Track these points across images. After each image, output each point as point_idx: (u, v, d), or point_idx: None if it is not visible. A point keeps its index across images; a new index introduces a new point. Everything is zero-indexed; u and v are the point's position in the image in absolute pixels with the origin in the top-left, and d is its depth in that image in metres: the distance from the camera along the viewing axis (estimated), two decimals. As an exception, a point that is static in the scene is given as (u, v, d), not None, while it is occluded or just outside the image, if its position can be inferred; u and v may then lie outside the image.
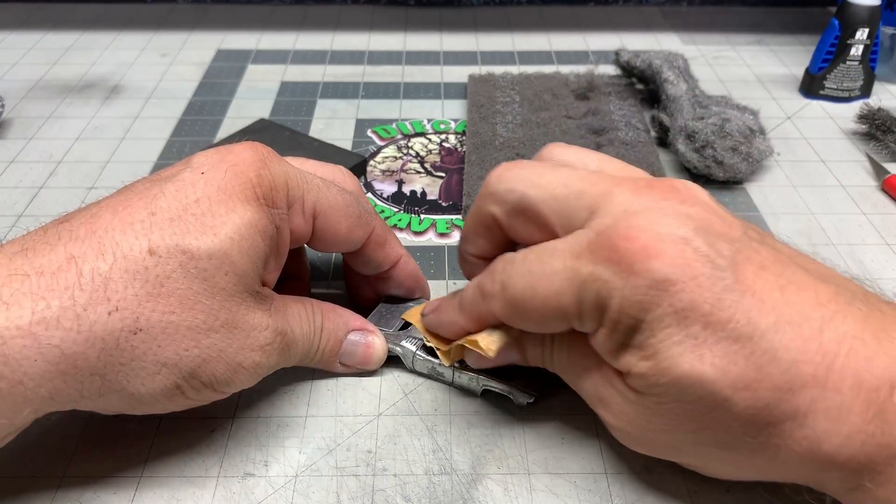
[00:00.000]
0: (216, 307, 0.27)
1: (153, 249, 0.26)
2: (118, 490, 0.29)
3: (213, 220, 0.27)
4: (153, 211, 0.27)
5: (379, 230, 0.34)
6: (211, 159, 0.29)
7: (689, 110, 0.50)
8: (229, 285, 0.27)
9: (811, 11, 0.76)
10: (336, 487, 0.29)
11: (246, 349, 0.28)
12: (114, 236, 0.26)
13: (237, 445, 0.31)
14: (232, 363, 0.28)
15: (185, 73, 0.63)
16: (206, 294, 0.27)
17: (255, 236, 0.28)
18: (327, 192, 0.32)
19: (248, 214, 0.28)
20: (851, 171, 0.51)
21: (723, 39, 0.70)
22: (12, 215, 0.45)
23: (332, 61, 0.65)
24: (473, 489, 0.29)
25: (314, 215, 0.31)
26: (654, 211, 0.25)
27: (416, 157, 0.52)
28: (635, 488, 0.29)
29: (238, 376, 0.28)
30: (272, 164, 0.30)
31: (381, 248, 0.34)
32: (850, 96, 0.59)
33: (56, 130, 0.54)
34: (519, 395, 0.32)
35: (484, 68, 0.64)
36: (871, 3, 0.55)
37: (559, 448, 0.31)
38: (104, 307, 0.25)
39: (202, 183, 0.28)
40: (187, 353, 0.26)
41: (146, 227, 0.26)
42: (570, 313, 0.26)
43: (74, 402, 0.26)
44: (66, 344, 0.24)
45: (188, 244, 0.26)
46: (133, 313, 0.25)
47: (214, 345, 0.27)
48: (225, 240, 0.27)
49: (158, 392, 0.27)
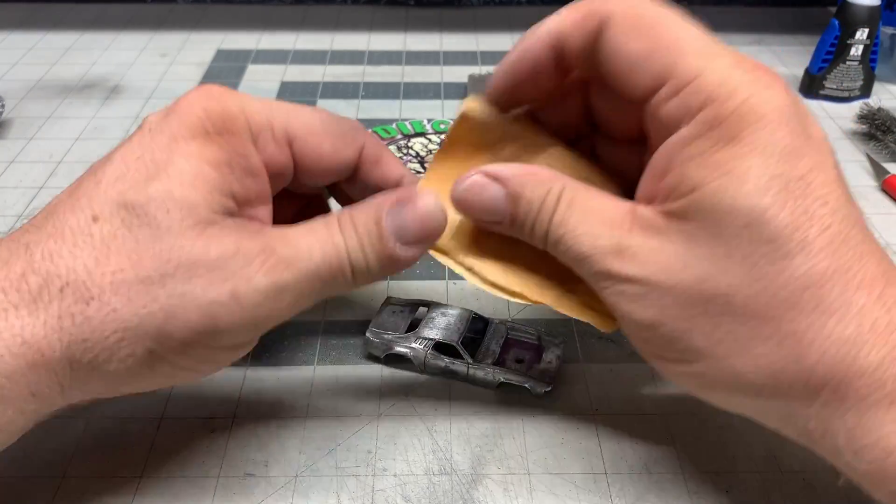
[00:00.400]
0: (165, 250, 0.24)
1: (96, 215, 0.25)
2: (118, 490, 0.29)
3: (156, 168, 0.25)
4: (99, 180, 0.26)
5: (371, 146, 0.31)
6: (157, 116, 0.27)
7: (689, 110, 0.50)
8: (175, 222, 0.25)
9: (811, 11, 0.76)
10: (336, 488, 0.29)
11: (216, 283, 0.25)
12: (64, 215, 0.25)
13: (237, 445, 0.31)
14: (203, 303, 0.24)
15: (185, 73, 0.63)
16: (151, 240, 0.24)
17: (204, 167, 0.25)
18: (299, 113, 0.29)
19: (190, 149, 0.26)
20: (851, 171, 0.51)
21: (723, 39, 0.69)
22: (12, 215, 0.45)
23: (331, 61, 0.65)
24: (473, 489, 0.29)
25: (289, 140, 0.28)
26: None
27: (417, 158, 0.52)
28: (635, 488, 0.29)
29: (225, 317, 0.25)
30: (224, 97, 0.27)
31: (375, 166, 0.31)
32: (849, 96, 0.59)
33: (56, 130, 0.54)
34: (536, 384, 0.33)
35: (484, 68, 0.64)
36: (871, 3, 0.55)
37: (559, 448, 0.31)
38: (56, 284, 0.24)
39: (148, 139, 0.26)
40: (145, 309, 0.24)
41: (90, 198, 0.25)
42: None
43: (61, 396, 0.25)
44: (27, 331, 0.24)
45: (128, 198, 0.25)
46: (83, 283, 0.24)
47: (175, 291, 0.24)
48: (164, 179, 0.25)
49: (133, 364, 0.25)
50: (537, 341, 0.35)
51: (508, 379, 0.33)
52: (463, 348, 0.33)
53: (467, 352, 0.33)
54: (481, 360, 0.33)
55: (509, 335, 0.35)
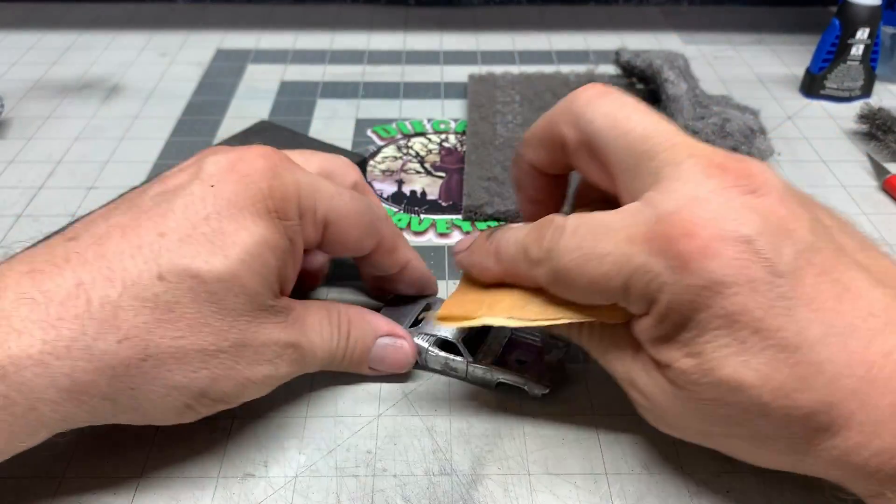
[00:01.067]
0: (225, 328, 0.27)
1: (162, 275, 0.26)
2: (118, 490, 0.29)
3: (224, 240, 0.27)
4: (162, 231, 0.26)
5: (388, 237, 0.33)
6: (221, 168, 0.28)
7: (690, 110, 0.50)
8: (239, 306, 0.27)
9: (811, 11, 0.76)
10: (336, 488, 0.29)
11: (255, 364, 0.28)
12: (122, 261, 0.26)
13: (237, 446, 0.31)
14: (240, 379, 0.28)
15: (185, 72, 0.63)
16: (214, 316, 0.27)
17: (267, 254, 0.28)
18: (339, 201, 0.31)
19: (258, 231, 0.27)
20: (852, 171, 0.51)
21: (723, 39, 0.70)
22: (12, 215, 0.45)
23: (331, 61, 0.65)
24: (473, 490, 0.29)
25: (325, 224, 0.30)
26: (721, 201, 0.24)
27: (416, 157, 0.52)
28: (635, 489, 0.29)
29: (247, 390, 0.29)
30: (284, 172, 0.29)
31: (389, 254, 0.34)
32: (850, 96, 0.59)
33: (55, 130, 0.54)
34: (534, 386, 0.33)
35: (484, 68, 0.64)
36: (871, 3, 0.55)
37: (559, 448, 0.31)
38: (114, 336, 0.25)
39: (211, 197, 0.27)
40: (195, 374, 0.27)
41: (155, 251, 0.26)
42: (617, 296, 0.26)
43: (87, 423, 0.26)
44: (77, 373, 0.25)
45: (198, 268, 0.26)
46: (142, 341, 0.25)
47: (223, 364, 0.27)
48: (235, 261, 0.27)
49: (169, 412, 0.27)
50: (541, 343, 0.35)
51: (506, 379, 0.33)
52: (463, 346, 0.33)
53: (468, 350, 0.33)
54: (481, 360, 0.33)
55: (513, 336, 0.35)
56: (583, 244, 0.26)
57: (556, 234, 0.27)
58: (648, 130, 0.27)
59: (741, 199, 0.24)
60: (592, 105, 0.28)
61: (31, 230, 0.43)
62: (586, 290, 0.27)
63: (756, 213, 0.24)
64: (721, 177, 0.25)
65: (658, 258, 0.24)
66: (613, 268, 0.25)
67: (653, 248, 0.24)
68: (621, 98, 0.28)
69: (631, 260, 0.25)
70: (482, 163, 0.48)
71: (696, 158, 0.25)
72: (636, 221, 0.25)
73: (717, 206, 0.24)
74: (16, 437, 0.25)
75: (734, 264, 0.23)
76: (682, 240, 0.24)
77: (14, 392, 0.24)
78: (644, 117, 0.27)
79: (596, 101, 0.28)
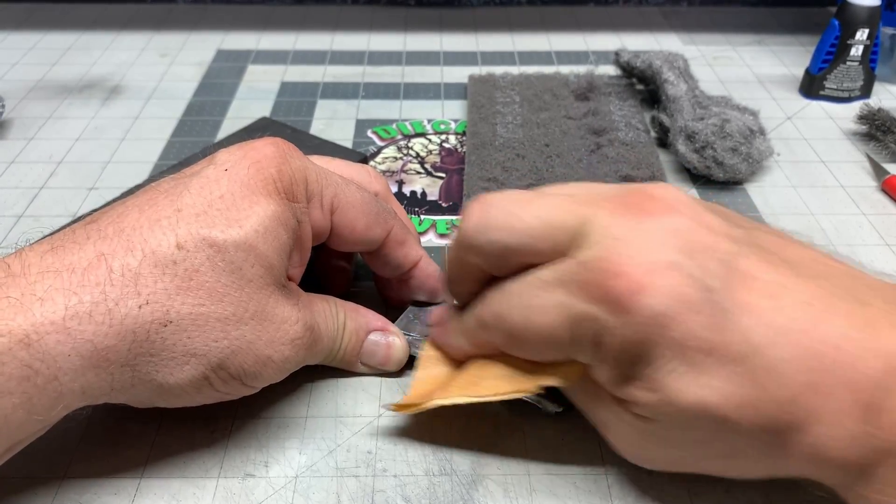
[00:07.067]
0: (245, 299, 0.27)
1: (181, 244, 0.27)
2: (118, 490, 0.29)
3: (238, 214, 0.28)
4: (179, 207, 0.27)
5: (398, 230, 0.34)
6: (234, 156, 0.29)
7: (690, 111, 0.50)
8: (257, 277, 0.28)
9: (811, 11, 0.76)
10: (336, 488, 0.29)
11: (276, 342, 0.28)
12: (142, 233, 0.27)
13: (237, 446, 0.31)
14: (261, 356, 0.28)
15: (185, 73, 0.63)
16: (234, 286, 0.27)
17: (279, 228, 0.28)
18: (345, 189, 0.32)
19: (271, 207, 0.28)
20: (851, 171, 0.51)
21: (723, 39, 0.70)
22: (12, 216, 0.45)
23: (332, 61, 0.65)
24: (473, 490, 0.29)
25: (332, 210, 0.31)
26: (637, 233, 0.24)
27: (417, 158, 0.52)
28: (635, 489, 0.29)
29: (267, 369, 0.29)
30: (293, 159, 0.30)
31: (399, 247, 0.34)
32: (850, 97, 0.59)
33: (56, 131, 0.54)
34: (548, 404, 0.32)
35: (484, 68, 0.64)
36: (871, 4, 0.55)
37: (559, 448, 0.31)
38: (135, 301, 0.26)
39: (225, 179, 0.28)
40: (216, 343, 0.27)
41: (173, 223, 0.27)
42: (567, 347, 0.26)
43: (105, 396, 0.27)
44: (99, 338, 0.25)
45: (215, 237, 0.27)
46: (163, 306, 0.26)
47: (244, 336, 0.27)
48: (250, 231, 0.27)
49: (187, 382, 0.27)
50: None
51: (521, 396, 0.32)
52: None
53: None
54: None
55: None
56: (525, 301, 0.27)
57: (501, 297, 0.28)
58: (548, 214, 0.26)
59: (654, 224, 0.25)
60: (482, 226, 0.27)
61: (31, 231, 0.43)
62: (539, 346, 0.27)
63: (673, 235, 0.24)
64: (628, 211, 0.25)
65: (596, 304, 0.24)
66: (557, 318, 0.26)
67: (589, 296, 0.24)
68: (507, 201, 0.27)
69: (571, 309, 0.25)
70: (482, 163, 0.48)
71: (599, 208, 0.26)
72: (567, 271, 0.25)
73: (635, 239, 0.24)
74: (35, 411, 0.25)
75: (668, 293, 0.23)
76: (613, 281, 0.24)
77: (37, 361, 0.24)
78: (537, 208, 0.27)
79: (483, 220, 0.27)
